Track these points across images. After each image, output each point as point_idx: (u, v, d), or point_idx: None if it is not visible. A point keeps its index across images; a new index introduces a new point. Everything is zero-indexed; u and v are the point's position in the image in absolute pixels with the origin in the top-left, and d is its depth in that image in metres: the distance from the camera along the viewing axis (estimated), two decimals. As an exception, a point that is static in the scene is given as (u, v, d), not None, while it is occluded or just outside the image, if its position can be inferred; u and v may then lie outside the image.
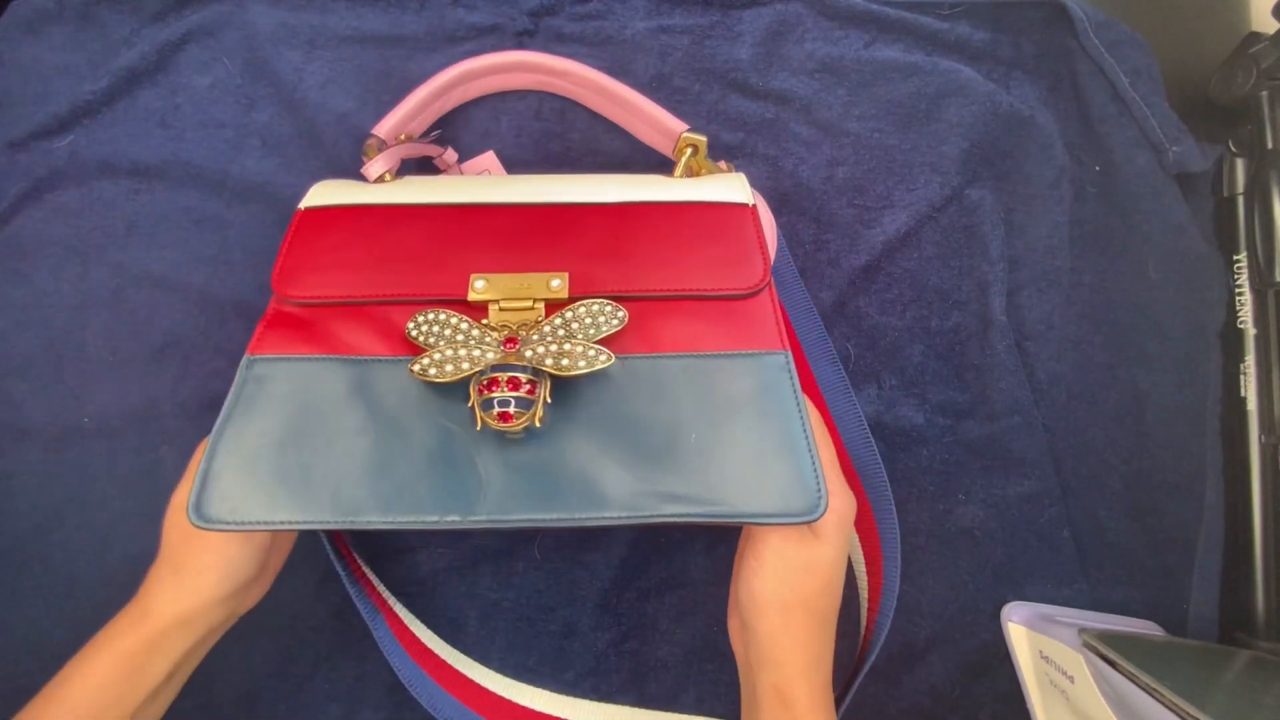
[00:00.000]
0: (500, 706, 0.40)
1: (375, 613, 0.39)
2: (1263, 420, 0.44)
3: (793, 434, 0.31)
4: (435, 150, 0.46)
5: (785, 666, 0.31)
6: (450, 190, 0.38)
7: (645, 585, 0.43)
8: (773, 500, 0.29)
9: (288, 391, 0.32)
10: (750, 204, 0.37)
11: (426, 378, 0.30)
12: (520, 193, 0.38)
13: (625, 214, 0.37)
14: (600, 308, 0.32)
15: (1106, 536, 0.44)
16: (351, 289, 0.34)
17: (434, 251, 0.35)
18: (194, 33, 0.49)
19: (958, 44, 0.49)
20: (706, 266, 0.35)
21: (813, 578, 0.31)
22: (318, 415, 0.31)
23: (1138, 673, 0.33)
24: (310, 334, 0.33)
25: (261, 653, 0.42)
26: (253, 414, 0.31)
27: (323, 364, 0.32)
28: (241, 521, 0.29)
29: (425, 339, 0.32)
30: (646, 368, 0.32)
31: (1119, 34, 0.47)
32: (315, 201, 0.38)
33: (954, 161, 0.47)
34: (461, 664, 0.41)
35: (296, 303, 0.34)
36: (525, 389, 0.29)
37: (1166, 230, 0.46)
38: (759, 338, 0.33)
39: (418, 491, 0.29)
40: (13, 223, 0.47)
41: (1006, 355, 0.45)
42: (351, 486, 0.29)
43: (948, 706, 0.43)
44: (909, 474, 0.44)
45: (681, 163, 0.42)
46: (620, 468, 0.30)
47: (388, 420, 0.31)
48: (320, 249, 0.36)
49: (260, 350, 0.33)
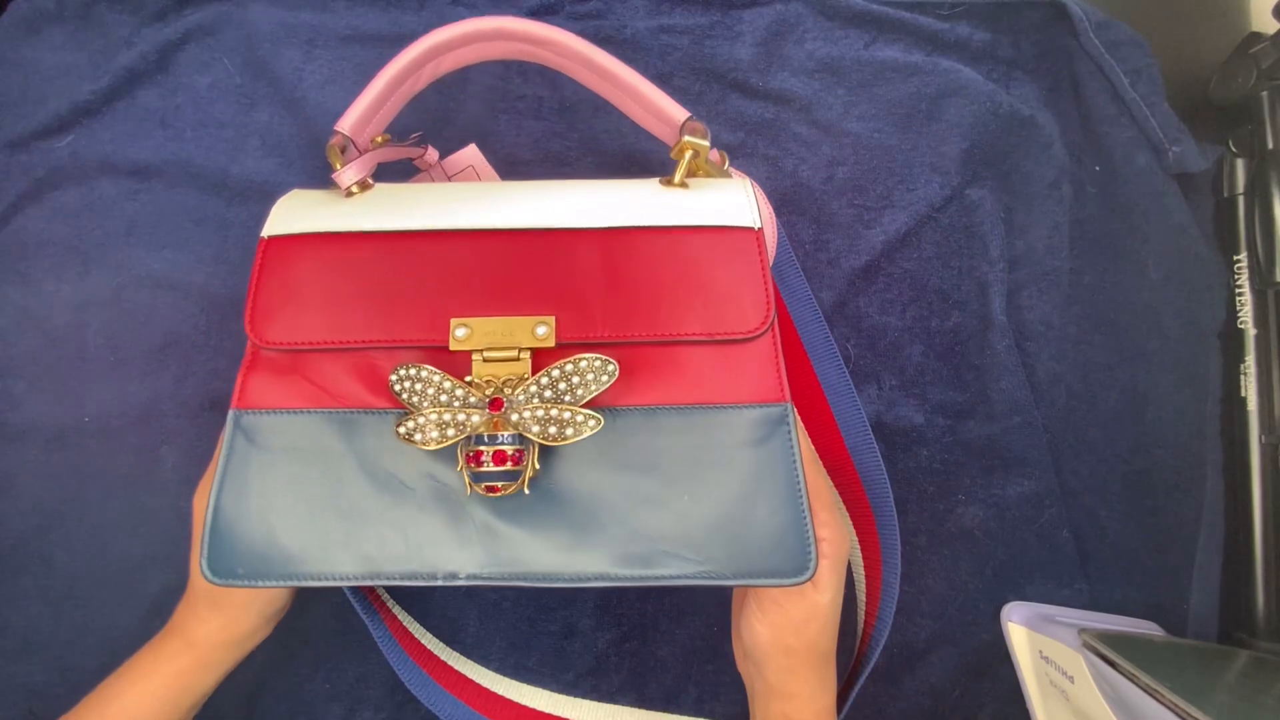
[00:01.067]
0: (500, 706, 0.40)
1: (374, 613, 0.39)
2: (1263, 420, 0.44)
3: (788, 494, 0.30)
4: (415, 153, 0.44)
5: (795, 699, 0.32)
6: (426, 210, 0.35)
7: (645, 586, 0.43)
8: (763, 562, 0.29)
9: (281, 447, 0.31)
10: (755, 227, 0.34)
11: (413, 443, 0.30)
12: (503, 211, 0.35)
13: (617, 243, 0.34)
14: (590, 363, 0.31)
15: (1106, 536, 0.44)
16: (330, 334, 0.32)
17: (412, 290, 0.33)
18: (194, 33, 0.49)
19: (958, 44, 0.49)
20: (703, 308, 0.32)
21: (813, 623, 0.31)
22: (315, 472, 0.31)
23: (1138, 673, 0.33)
24: (294, 383, 0.32)
25: (262, 653, 0.42)
26: (248, 472, 0.31)
27: (313, 418, 0.32)
28: (256, 579, 0.30)
29: (408, 396, 0.31)
30: (639, 421, 0.31)
31: (1119, 34, 0.47)
32: (280, 229, 0.35)
33: (954, 161, 0.47)
34: (461, 665, 0.41)
35: (275, 349, 0.33)
36: (511, 460, 0.29)
37: (1166, 230, 0.46)
38: (759, 387, 0.32)
39: (412, 548, 0.30)
40: (13, 223, 0.47)
41: (1006, 355, 0.45)
42: (349, 544, 0.30)
43: (948, 706, 0.43)
44: (909, 474, 0.44)
45: (682, 167, 0.40)
46: (611, 526, 0.30)
47: (382, 475, 0.31)
48: (291, 284, 0.33)
49: (246, 404, 0.32)
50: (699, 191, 0.36)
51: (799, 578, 0.29)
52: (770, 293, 0.33)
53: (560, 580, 0.29)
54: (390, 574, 0.29)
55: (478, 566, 0.29)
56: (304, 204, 0.36)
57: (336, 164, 0.36)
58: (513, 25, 0.40)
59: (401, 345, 0.32)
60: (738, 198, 0.36)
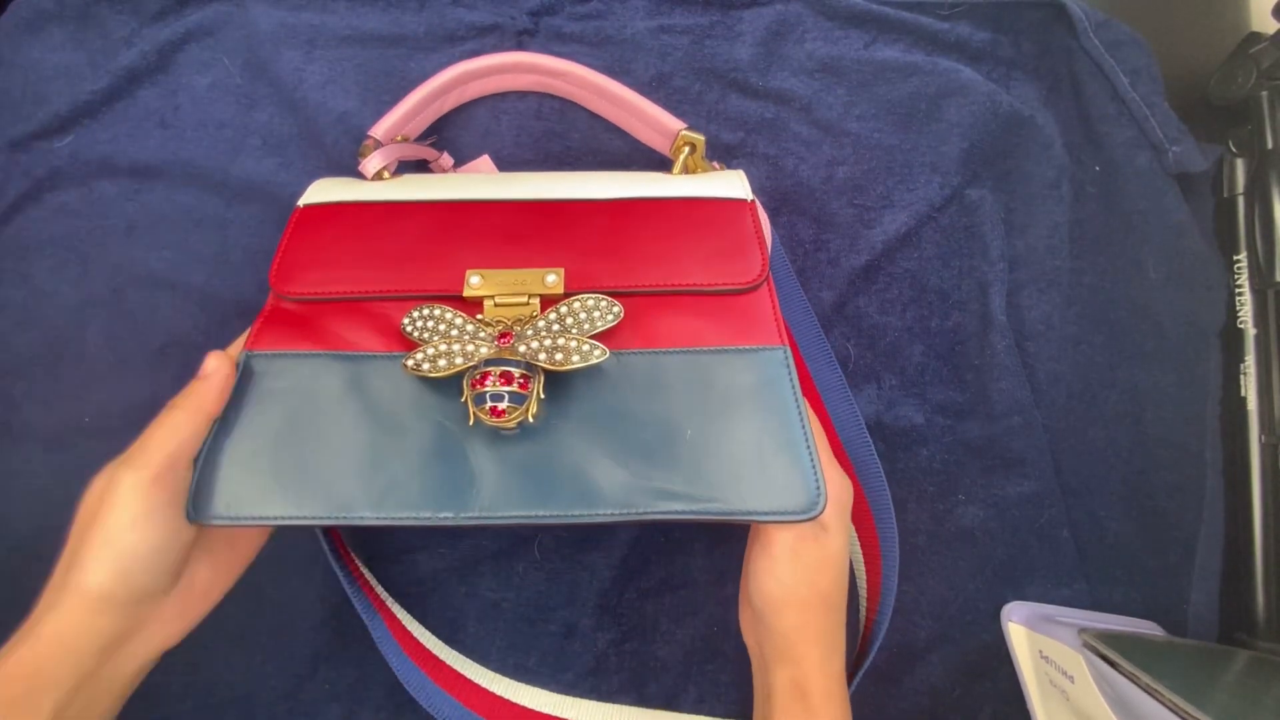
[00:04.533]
0: (499, 707, 0.40)
1: (373, 613, 0.39)
2: (1263, 420, 0.44)
3: (791, 430, 0.30)
4: (431, 154, 0.46)
5: (804, 661, 0.31)
6: (447, 187, 0.38)
7: (645, 585, 0.43)
8: (770, 498, 0.29)
9: (284, 387, 0.32)
10: (749, 199, 0.37)
11: (420, 373, 0.30)
12: (517, 190, 0.38)
13: (622, 210, 0.37)
14: (596, 302, 0.32)
15: (1106, 536, 0.44)
16: (348, 285, 0.34)
17: (430, 247, 0.35)
18: (194, 33, 0.49)
19: (958, 44, 0.49)
20: (704, 261, 0.34)
21: (827, 571, 0.31)
22: (314, 411, 0.31)
23: (1138, 673, 0.33)
24: (307, 330, 0.33)
25: (262, 653, 0.42)
26: (249, 410, 0.31)
27: (319, 360, 0.32)
28: (236, 516, 0.29)
29: (420, 334, 0.32)
30: (643, 363, 0.32)
31: (1119, 34, 0.47)
32: (314, 199, 0.38)
33: (954, 161, 0.47)
34: (460, 664, 0.41)
35: (294, 299, 0.34)
36: (518, 384, 0.29)
37: (1166, 230, 0.46)
38: (757, 333, 0.33)
39: (410, 488, 0.30)
40: (13, 223, 0.47)
41: (1006, 355, 0.45)
42: (345, 482, 0.30)
43: (948, 706, 0.43)
44: (909, 474, 0.44)
45: (679, 161, 0.42)
46: (615, 464, 0.30)
47: (383, 416, 0.31)
48: (318, 245, 0.36)
49: (258, 346, 0.33)
50: (696, 177, 0.40)
51: (808, 513, 0.29)
52: (764, 253, 0.35)
53: (562, 518, 0.29)
54: (387, 512, 0.29)
55: (478, 505, 0.29)
56: (338, 184, 0.39)
57: (366, 155, 0.40)
58: (530, 59, 0.46)
59: (417, 295, 0.34)
60: (732, 181, 0.39)
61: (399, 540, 0.44)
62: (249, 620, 0.42)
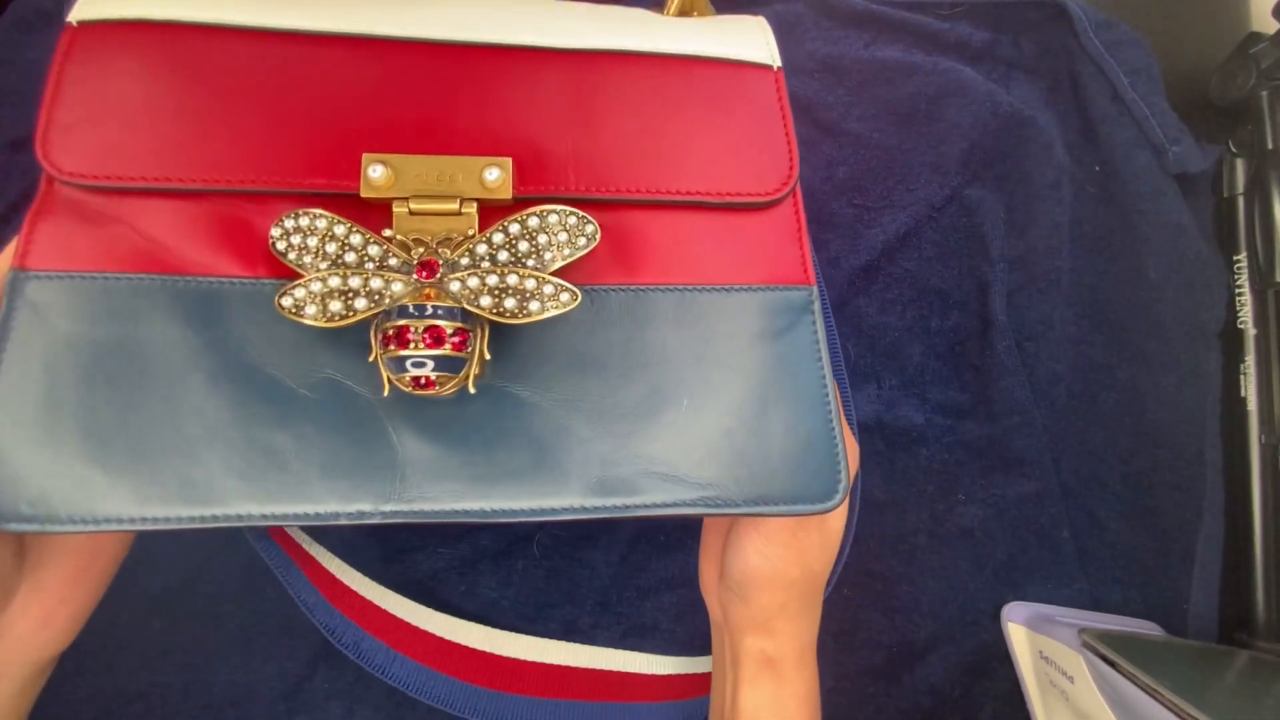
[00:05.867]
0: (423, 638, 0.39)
1: (289, 564, 0.33)
2: (1263, 420, 0.44)
3: (813, 400, 0.24)
4: None
5: (778, 634, 0.28)
6: (332, 5, 0.25)
7: (645, 584, 0.43)
8: (781, 486, 0.23)
9: (86, 326, 0.21)
10: (774, 66, 0.27)
11: (301, 319, 0.21)
12: (441, 20, 0.25)
13: (595, 68, 0.26)
14: (561, 217, 0.23)
15: (1106, 536, 0.44)
16: (171, 164, 0.22)
17: (303, 113, 0.23)
18: (194, 32, 0.49)
19: (958, 44, 0.49)
20: (708, 160, 0.25)
21: (823, 554, 0.27)
22: (143, 367, 0.21)
23: (1138, 673, 0.33)
24: (112, 237, 0.22)
25: (262, 652, 0.42)
26: (37, 361, 0.21)
27: (139, 285, 0.22)
28: (49, 519, 0.20)
29: (298, 256, 0.22)
30: (624, 304, 0.24)
31: (1119, 34, 0.47)
32: (97, 13, 0.24)
33: (954, 161, 0.47)
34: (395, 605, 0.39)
35: (83, 185, 0.23)
36: (451, 344, 0.21)
37: (1166, 230, 0.46)
38: (778, 265, 0.25)
39: (305, 473, 0.21)
40: (13, 223, 0.47)
41: (1006, 355, 0.45)
42: (208, 468, 0.21)
43: (948, 706, 0.43)
44: (909, 474, 0.44)
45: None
46: (586, 441, 0.23)
47: (253, 374, 0.22)
48: (112, 92, 0.23)
49: (34, 263, 0.22)
50: (698, 22, 0.28)
51: (826, 503, 0.23)
52: (793, 149, 0.26)
53: (515, 514, 0.22)
54: (263, 513, 0.21)
55: (399, 500, 0.21)
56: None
57: None
58: None
59: (285, 190, 0.23)
60: (749, 34, 0.28)
61: (399, 539, 0.44)
62: (249, 620, 0.42)
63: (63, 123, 0.24)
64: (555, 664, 0.40)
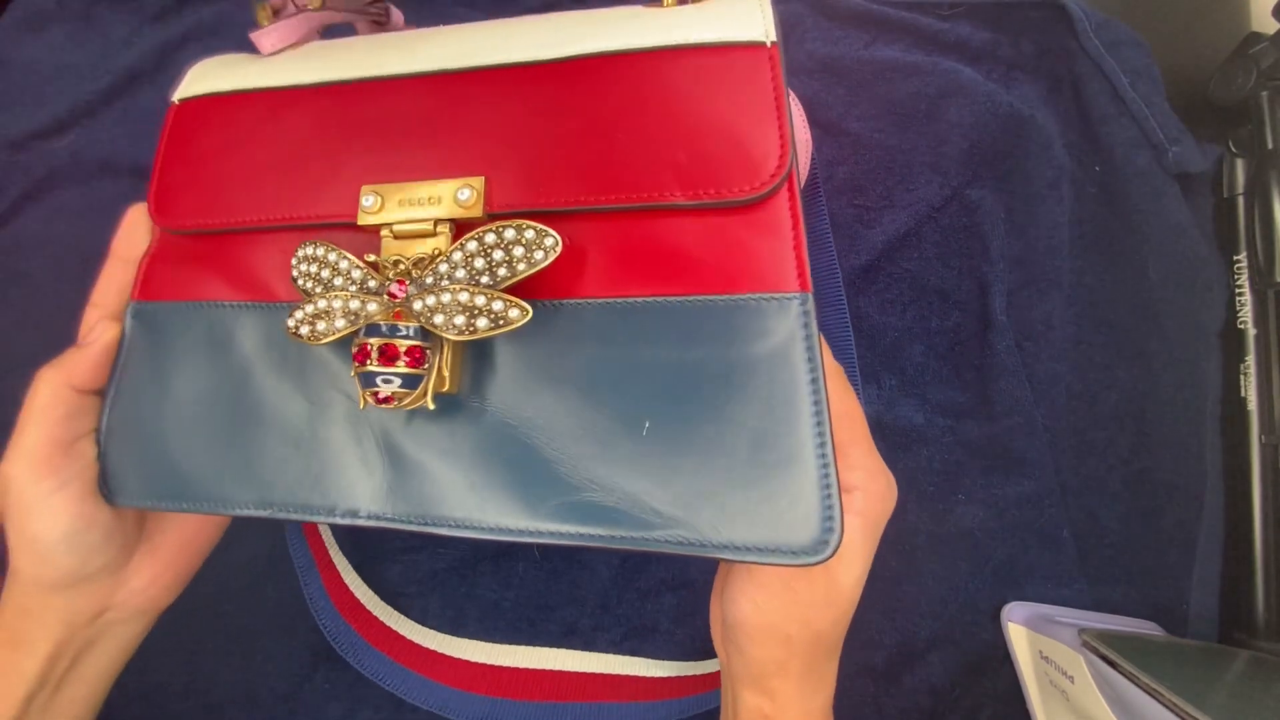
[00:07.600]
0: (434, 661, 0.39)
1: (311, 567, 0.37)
2: (1263, 420, 0.44)
3: (796, 428, 0.21)
4: (372, 12, 0.35)
5: (779, 696, 0.25)
6: (355, 58, 0.28)
7: (645, 585, 0.43)
8: (762, 531, 0.21)
9: (183, 345, 0.27)
10: (768, 43, 0.25)
11: (300, 339, 0.24)
12: (436, 54, 0.27)
13: (570, 76, 0.26)
14: (517, 232, 0.23)
15: (1106, 536, 0.44)
16: (242, 211, 0.27)
17: (323, 151, 0.27)
18: (194, 33, 0.49)
19: (958, 44, 0.49)
20: (690, 159, 0.24)
21: (827, 612, 0.24)
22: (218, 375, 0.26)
23: (1138, 673, 0.33)
24: (206, 272, 0.27)
25: (262, 653, 0.42)
26: (145, 372, 0.27)
27: (220, 311, 0.27)
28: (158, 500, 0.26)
29: (305, 283, 0.25)
30: (593, 322, 0.24)
31: (1119, 34, 0.47)
32: (192, 90, 0.30)
33: (954, 161, 0.47)
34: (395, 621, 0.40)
35: (182, 233, 0.28)
36: (404, 360, 0.22)
37: (1166, 230, 0.46)
38: (764, 271, 0.23)
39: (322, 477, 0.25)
40: (13, 223, 0.47)
41: (1006, 355, 0.45)
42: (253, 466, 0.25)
43: (948, 706, 0.43)
44: (909, 474, 0.44)
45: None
46: (547, 469, 0.23)
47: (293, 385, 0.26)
48: (205, 155, 0.28)
49: (146, 295, 0.28)
50: (694, 7, 0.27)
51: (812, 557, 0.21)
52: (789, 134, 0.23)
53: (477, 530, 0.23)
54: (284, 504, 0.25)
55: (380, 504, 0.24)
56: (223, 64, 0.30)
57: (264, 21, 0.30)
58: None
59: (312, 223, 0.26)
60: (745, 8, 0.26)
61: (399, 539, 0.44)
62: (249, 620, 0.42)
63: (170, 186, 0.29)
64: (553, 669, 0.40)
